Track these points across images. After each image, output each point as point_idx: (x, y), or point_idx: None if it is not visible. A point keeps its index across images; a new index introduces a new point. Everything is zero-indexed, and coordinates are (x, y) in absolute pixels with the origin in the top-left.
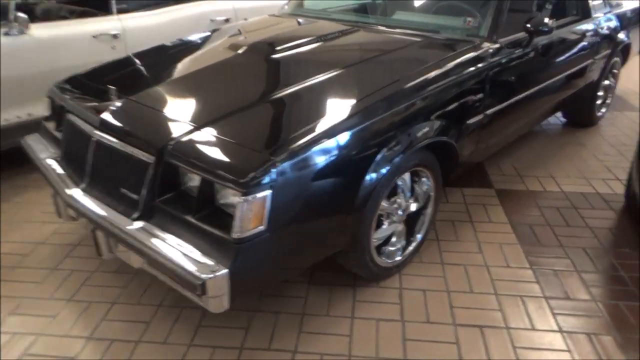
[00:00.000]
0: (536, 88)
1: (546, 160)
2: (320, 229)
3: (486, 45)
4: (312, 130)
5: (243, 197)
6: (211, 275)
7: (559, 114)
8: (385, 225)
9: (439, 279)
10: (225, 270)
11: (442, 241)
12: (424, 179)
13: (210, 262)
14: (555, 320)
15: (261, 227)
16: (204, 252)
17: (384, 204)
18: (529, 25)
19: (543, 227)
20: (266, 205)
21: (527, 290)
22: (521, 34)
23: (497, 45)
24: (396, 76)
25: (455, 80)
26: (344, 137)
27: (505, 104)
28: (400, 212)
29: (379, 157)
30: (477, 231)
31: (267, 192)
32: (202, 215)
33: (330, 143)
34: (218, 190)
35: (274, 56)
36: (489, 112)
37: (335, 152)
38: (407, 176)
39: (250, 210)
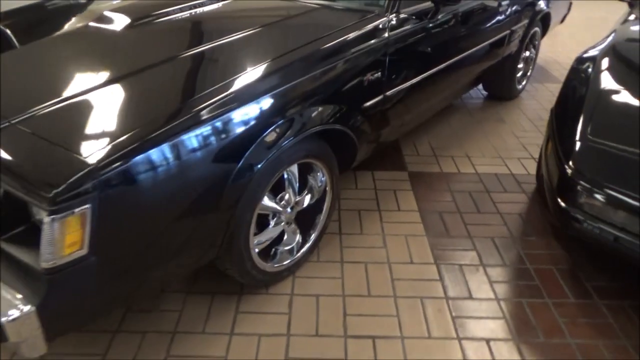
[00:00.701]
0: (446, 63)
1: (463, 137)
2: (174, 242)
3: (386, 16)
4: (158, 121)
5: (51, 216)
6: (6, 318)
7: (480, 87)
8: (271, 226)
9: (336, 281)
10: (29, 309)
11: (345, 235)
12: (317, 173)
13: (15, 298)
14: (454, 325)
15: (81, 252)
16: (11, 285)
17: (267, 202)
18: None
19: (453, 215)
20: (86, 223)
21: (429, 290)
22: (427, 4)
23: (398, 16)
24: (278, 51)
25: (349, 57)
26: (202, 127)
27: (409, 82)
28: (289, 210)
29: (252, 148)
30: (384, 222)
31: (87, 207)
32: (11, 236)
33: (183, 136)
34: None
35: (124, 31)
36: (389, 92)
37: (192, 145)
38: (294, 168)
39: (62, 232)
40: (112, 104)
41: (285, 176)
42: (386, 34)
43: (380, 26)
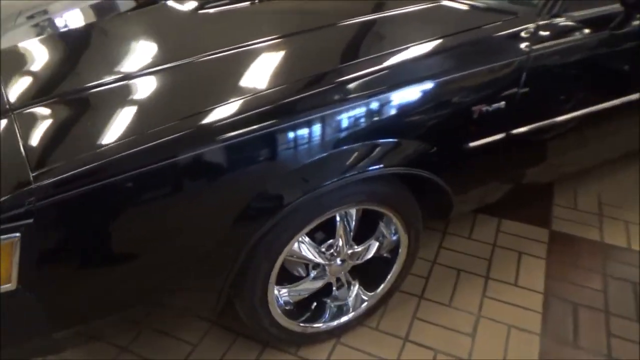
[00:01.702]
0: (628, 98)
1: None
2: (143, 283)
3: (534, 21)
4: (142, 134)
5: None
6: None
7: None
8: (309, 278)
9: None
10: None
11: (426, 301)
12: (387, 221)
13: None
14: None
15: (8, 286)
16: None
17: (301, 249)
18: None
19: (594, 314)
20: (14, 253)
21: None
22: (608, 7)
23: (554, 23)
24: (349, 57)
25: (456, 76)
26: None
27: (559, 118)
28: (338, 262)
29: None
30: (487, 296)
31: (14, 236)
32: None
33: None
34: None
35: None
36: (516, 131)
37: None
38: (352, 211)
39: None
40: (107, 104)
41: (338, 218)
42: (527, 47)
43: (522, 35)
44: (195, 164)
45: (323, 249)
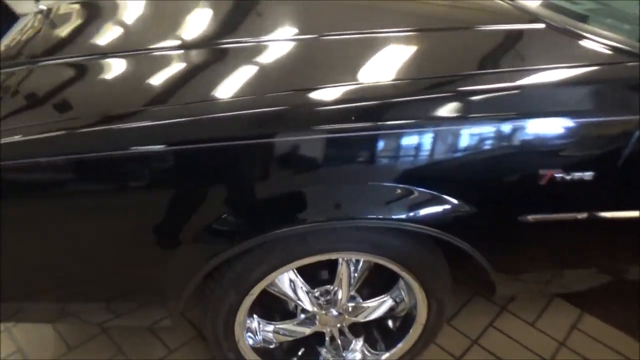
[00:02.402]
0: None
1: None
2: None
3: None
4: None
5: None
6: None
7: None
8: (297, 320)
9: None
10: None
11: None
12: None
13: None
14: None
15: None
16: None
17: (286, 288)
18: None
19: None
20: None
21: None
22: None
23: None
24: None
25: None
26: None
27: None
28: (333, 313)
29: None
30: None
31: None
32: None
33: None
34: None
35: None
36: (605, 214)
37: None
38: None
39: None
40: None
41: (340, 261)
42: None
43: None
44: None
45: (317, 294)
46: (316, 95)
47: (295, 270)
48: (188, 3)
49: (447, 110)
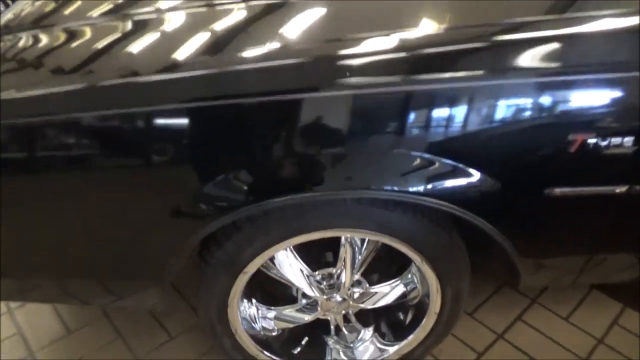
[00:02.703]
0: None
1: None
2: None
3: None
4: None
5: None
6: None
7: None
8: (298, 305)
9: None
10: None
11: None
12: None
13: None
14: None
15: None
16: None
17: (285, 270)
18: None
19: None
20: None
21: None
22: None
23: None
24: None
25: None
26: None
27: None
28: (337, 298)
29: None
30: None
31: None
32: None
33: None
34: None
35: None
36: None
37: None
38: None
39: None
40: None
41: (342, 240)
42: None
43: None
44: None
45: (318, 277)
46: (333, 48)
47: (294, 251)
48: None
49: (477, 64)
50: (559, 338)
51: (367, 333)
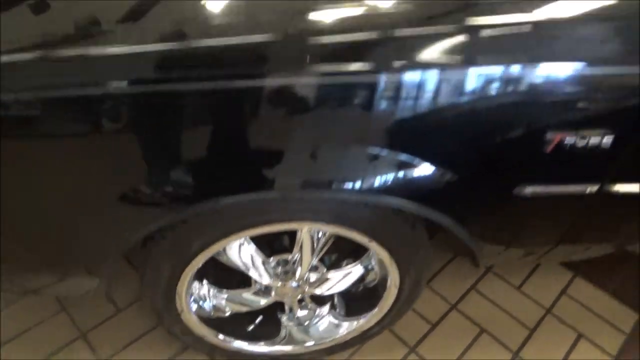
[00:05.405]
0: None
1: None
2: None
3: None
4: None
5: None
6: None
7: None
8: (252, 290)
9: None
10: None
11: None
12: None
13: None
14: None
15: None
16: None
17: (232, 255)
18: None
19: None
20: None
21: None
22: None
23: None
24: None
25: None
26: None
27: None
28: (293, 284)
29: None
30: None
31: None
32: None
33: None
34: None
35: None
36: (617, 188)
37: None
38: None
39: None
40: None
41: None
42: None
43: None
44: None
45: (273, 264)
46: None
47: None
48: None
49: (440, 49)
50: (510, 308)
51: (323, 310)
